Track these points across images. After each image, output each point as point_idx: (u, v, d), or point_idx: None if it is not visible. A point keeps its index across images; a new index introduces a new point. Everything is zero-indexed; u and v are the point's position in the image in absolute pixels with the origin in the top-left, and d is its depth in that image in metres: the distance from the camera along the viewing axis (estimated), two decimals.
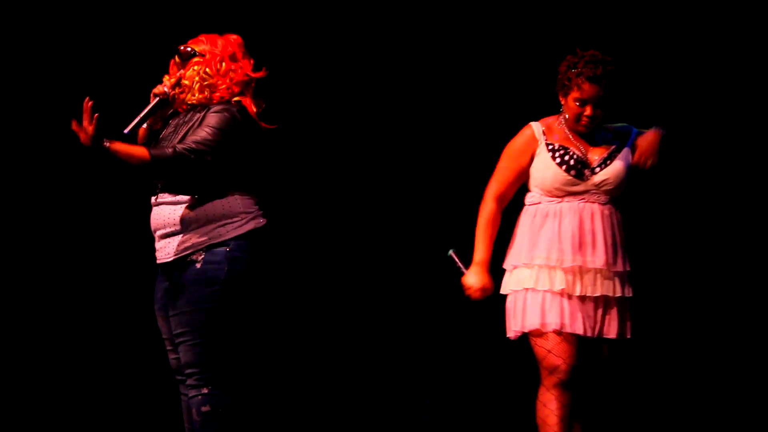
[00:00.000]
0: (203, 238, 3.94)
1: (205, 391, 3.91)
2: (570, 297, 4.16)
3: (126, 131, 3.94)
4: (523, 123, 4.30)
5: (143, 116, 4.00)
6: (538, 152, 4.27)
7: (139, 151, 3.85)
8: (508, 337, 4.25)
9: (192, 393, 3.94)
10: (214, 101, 4.04)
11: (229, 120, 3.96)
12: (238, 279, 3.94)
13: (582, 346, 4.17)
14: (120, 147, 3.82)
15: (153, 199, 4.05)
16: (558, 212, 4.23)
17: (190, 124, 4.00)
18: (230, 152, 3.95)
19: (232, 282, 3.93)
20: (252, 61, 4.12)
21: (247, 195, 4.02)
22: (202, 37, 4.12)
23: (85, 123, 3.76)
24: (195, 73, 4.04)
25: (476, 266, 4.28)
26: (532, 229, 4.24)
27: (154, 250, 4.10)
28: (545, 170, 4.24)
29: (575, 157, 4.23)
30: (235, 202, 3.99)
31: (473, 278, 4.27)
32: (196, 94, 4.04)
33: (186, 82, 4.04)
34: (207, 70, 4.04)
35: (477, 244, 4.30)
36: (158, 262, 4.07)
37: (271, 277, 4.17)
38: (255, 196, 4.05)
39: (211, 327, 3.91)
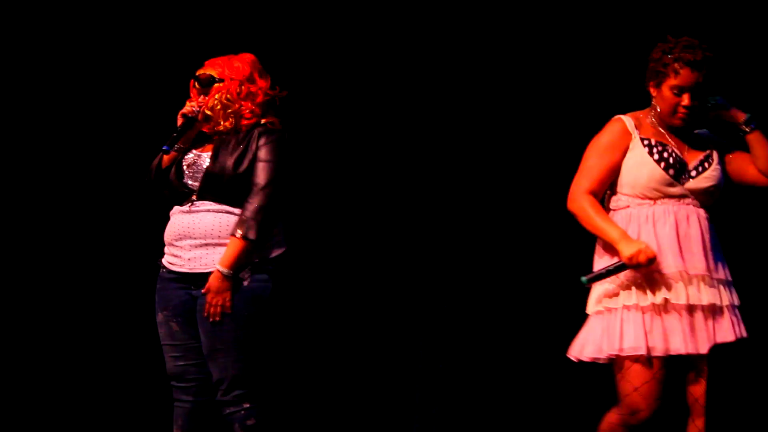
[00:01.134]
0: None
1: (246, 405, 4.01)
2: (672, 311, 3.81)
3: (165, 147, 4.06)
4: (514, 129, 4.21)
5: (179, 133, 4.10)
6: (632, 147, 3.91)
7: (240, 246, 3.97)
8: (571, 358, 3.96)
9: (232, 408, 4.01)
10: (243, 124, 4.14)
11: (283, 147, 4.09)
12: (277, 299, 4.06)
13: (681, 365, 3.86)
14: (230, 260, 3.96)
15: (186, 206, 4.10)
16: (651, 216, 3.86)
17: (242, 148, 4.08)
18: (289, 176, 4.11)
19: (273, 301, 4.04)
20: (269, 79, 4.21)
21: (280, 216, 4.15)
22: (218, 60, 4.19)
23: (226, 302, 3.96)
24: (217, 101, 4.12)
25: (621, 239, 3.79)
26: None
27: (161, 255, 4.15)
28: (640, 167, 3.87)
29: (674, 155, 3.88)
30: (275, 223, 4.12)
31: (630, 248, 3.78)
32: (222, 122, 4.13)
33: (209, 112, 4.13)
34: (228, 97, 4.12)
35: (604, 228, 3.83)
36: (180, 270, 4.08)
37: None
38: (283, 219, 4.16)
39: (254, 344, 4.01)
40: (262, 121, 4.15)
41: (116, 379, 5.79)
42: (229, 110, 4.12)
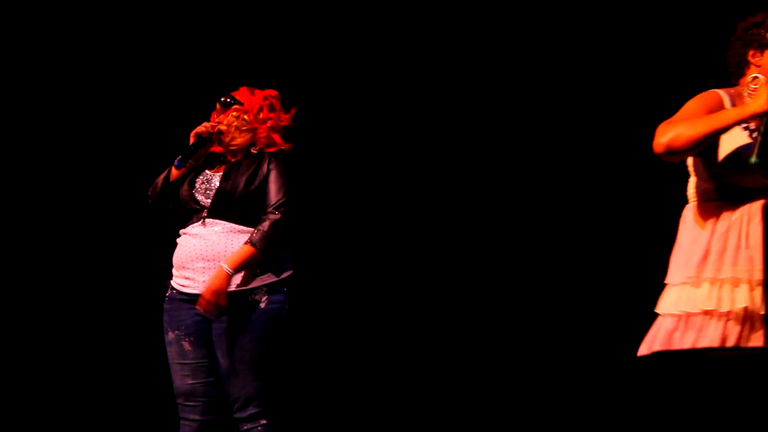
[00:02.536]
0: (265, 277, 4.11)
1: (263, 422, 4.08)
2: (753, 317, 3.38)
3: (177, 162, 4.17)
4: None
5: (191, 150, 4.20)
6: (760, 95, 3.34)
7: (248, 253, 4.05)
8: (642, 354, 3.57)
9: (249, 426, 4.09)
10: (258, 145, 4.24)
11: (294, 170, 4.19)
12: (293, 319, 4.15)
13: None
14: (236, 263, 4.04)
15: (193, 227, 4.17)
16: (747, 212, 3.42)
17: (252, 169, 4.17)
18: (299, 198, 4.19)
19: (289, 321, 4.13)
20: (289, 114, 4.32)
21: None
22: (243, 89, 4.32)
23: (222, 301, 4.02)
24: (234, 118, 4.24)
25: (741, 109, 3.33)
26: (714, 233, 3.43)
27: (170, 276, 4.20)
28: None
29: None
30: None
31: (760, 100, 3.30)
32: (237, 138, 4.23)
33: (224, 127, 4.23)
34: (245, 116, 4.24)
35: (715, 120, 3.31)
36: (194, 291, 4.13)
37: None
38: (290, 241, 4.25)
39: (272, 363, 4.09)
40: (277, 147, 4.26)
41: (122, 396, 5.82)
42: (245, 127, 4.24)
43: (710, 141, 3.35)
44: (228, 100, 4.28)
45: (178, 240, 4.22)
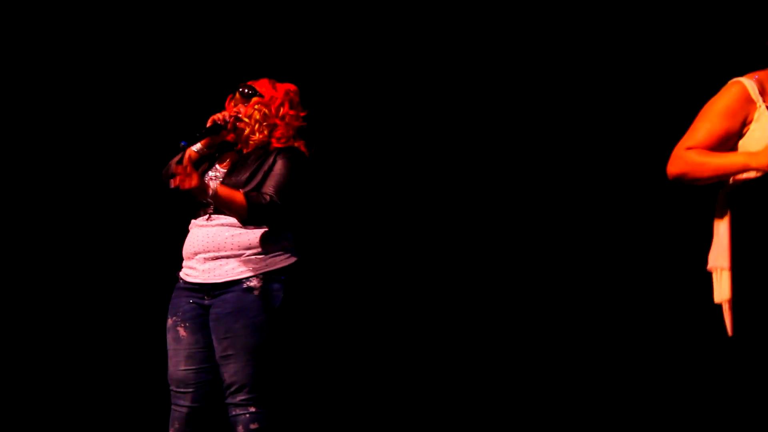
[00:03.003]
0: (261, 265, 4.14)
1: (252, 409, 4.11)
2: None
3: (183, 143, 4.12)
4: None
5: (202, 134, 4.18)
6: (757, 117, 3.27)
7: (239, 197, 4.06)
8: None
9: (238, 411, 4.12)
10: (273, 142, 4.26)
11: (302, 162, 4.21)
12: (290, 307, 4.16)
13: None
14: (224, 192, 4.04)
15: (203, 219, 4.21)
16: None
17: (258, 164, 4.20)
18: (299, 191, 4.19)
19: (285, 310, 4.15)
20: (306, 112, 4.34)
21: (293, 230, 4.26)
22: (263, 80, 4.32)
23: (190, 170, 3.95)
24: (256, 111, 4.25)
25: (750, 156, 3.24)
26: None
27: (179, 268, 4.26)
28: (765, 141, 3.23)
29: None
30: (286, 235, 4.22)
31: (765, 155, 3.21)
32: (257, 133, 4.25)
33: (246, 119, 4.25)
34: (266, 112, 4.25)
35: (725, 162, 3.25)
36: (195, 280, 4.20)
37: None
38: (297, 233, 4.28)
39: (264, 350, 4.11)
40: (292, 143, 4.29)
41: (115, 382, 5.89)
42: (265, 123, 4.25)
43: (718, 180, 3.34)
44: (249, 91, 4.29)
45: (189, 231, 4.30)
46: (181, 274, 4.27)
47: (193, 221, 4.26)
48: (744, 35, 4.00)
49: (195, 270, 4.20)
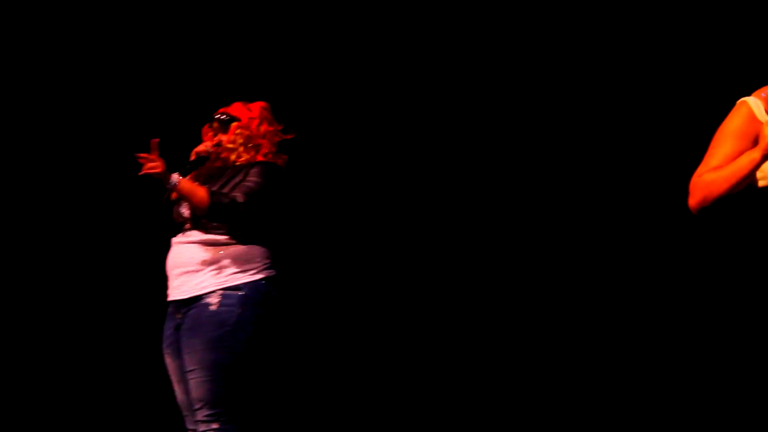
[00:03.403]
0: (221, 280, 4.13)
1: (215, 426, 4.08)
2: None
3: (170, 184, 4.15)
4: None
5: (187, 169, 4.24)
6: (764, 137, 3.17)
7: (202, 192, 4.09)
8: None
9: (203, 428, 4.09)
10: (260, 158, 4.29)
11: (275, 174, 4.22)
12: (249, 323, 4.12)
13: None
14: (186, 184, 4.09)
15: (178, 237, 4.24)
16: None
17: (232, 174, 4.23)
18: (269, 204, 4.20)
19: (243, 325, 4.10)
20: (282, 125, 4.38)
21: (266, 244, 4.24)
22: (235, 104, 4.36)
23: (155, 157, 4.03)
24: (238, 136, 4.28)
25: (759, 149, 3.15)
26: None
27: (166, 287, 4.27)
28: None
29: None
30: (256, 250, 4.20)
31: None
32: (243, 155, 4.28)
33: (230, 145, 4.28)
34: (249, 133, 4.28)
35: (739, 166, 3.18)
36: (171, 299, 4.23)
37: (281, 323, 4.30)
38: (272, 248, 4.26)
39: (222, 366, 4.08)
40: (273, 158, 4.32)
41: (138, 408, 5.89)
42: (250, 144, 4.28)
43: (738, 189, 3.25)
44: (225, 117, 4.32)
45: None
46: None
47: (172, 239, 4.28)
48: (758, 45, 3.99)
49: (171, 288, 4.23)
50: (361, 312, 5.91)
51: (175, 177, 4.09)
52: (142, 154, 4.03)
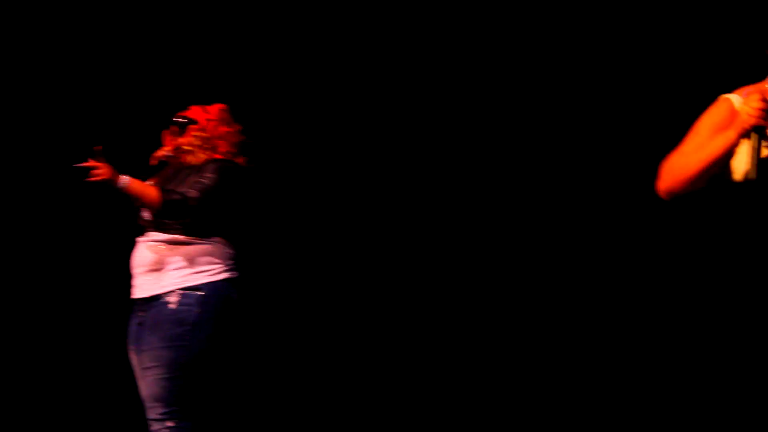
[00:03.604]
0: (180, 280, 4.20)
1: (169, 424, 4.14)
2: None
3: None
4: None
5: (147, 177, 4.32)
6: (742, 113, 3.14)
7: (152, 191, 4.17)
8: None
9: (156, 426, 4.16)
10: (218, 158, 4.36)
11: (229, 171, 4.29)
12: (208, 323, 4.18)
13: None
14: (136, 185, 4.16)
15: (142, 237, 4.32)
16: None
17: (188, 172, 4.30)
18: (225, 201, 4.27)
19: (202, 325, 4.17)
20: (241, 126, 4.45)
21: (228, 246, 4.31)
22: (193, 107, 4.44)
23: (101, 164, 4.08)
24: (195, 138, 4.37)
25: (735, 125, 3.14)
26: None
27: (130, 286, 4.34)
28: None
29: None
30: (217, 250, 4.27)
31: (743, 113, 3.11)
32: (200, 155, 4.35)
33: (187, 147, 4.36)
34: (205, 135, 4.36)
35: (714, 145, 3.15)
36: (134, 297, 4.31)
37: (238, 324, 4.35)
38: (234, 248, 4.33)
39: (178, 364, 4.14)
40: (232, 157, 4.39)
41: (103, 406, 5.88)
42: (207, 146, 4.35)
43: (711, 173, 3.21)
44: (182, 120, 4.40)
45: None
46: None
47: (137, 238, 4.36)
48: (744, 43, 3.94)
49: (135, 285, 4.31)
50: (331, 313, 5.92)
51: (124, 179, 4.13)
52: (86, 163, 4.06)
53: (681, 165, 3.22)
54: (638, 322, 5.55)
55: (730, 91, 3.31)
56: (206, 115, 4.39)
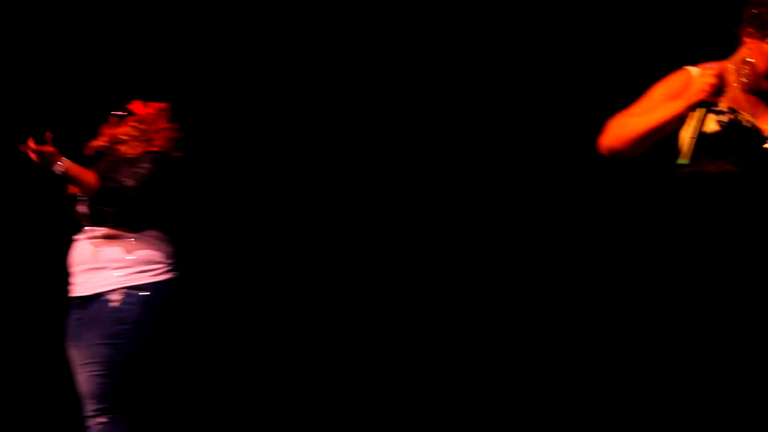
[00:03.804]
0: (122, 279, 4.23)
1: (103, 419, 4.18)
2: None
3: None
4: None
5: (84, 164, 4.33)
6: (695, 84, 3.23)
7: (90, 175, 4.19)
8: None
9: (90, 423, 4.20)
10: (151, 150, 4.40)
11: (166, 163, 4.33)
12: (148, 322, 4.22)
13: None
14: (75, 168, 4.17)
15: (79, 234, 4.33)
16: None
17: (126, 163, 4.33)
18: (161, 192, 4.31)
19: (142, 324, 4.21)
20: (179, 125, 4.49)
21: (167, 243, 4.35)
22: (135, 102, 4.48)
23: (48, 149, 4.10)
24: (132, 128, 4.41)
25: (683, 100, 3.22)
26: None
27: (67, 283, 4.35)
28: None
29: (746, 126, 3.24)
30: (159, 250, 4.31)
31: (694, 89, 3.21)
32: (137, 147, 4.38)
33: (124, 137, 4.40)
34: (141, 127, 4.41)
35: (659, 113, 3.25)
36: (73, 294, 4.32)
37: (178, 324, 4.38)
38: (173, 246, 4.37)
39: (115, 362, 4.17)
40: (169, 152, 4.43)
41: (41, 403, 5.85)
42: (143, 138, 4.38)
43: (655, 138, 3.29)
44: (122, 113, 4.44)
45: None
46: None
47: (74, 236, 4.37)
48: (713, 21, 3.88)
49: (73, 285, 4.32)
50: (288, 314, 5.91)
51: (64, 161, 4.14)
52: (32, 145, 4.08)
53: (627, 124, 3.29)
54: (636, 320, 5.20)
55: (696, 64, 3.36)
56: (145, 109, 4.44)
